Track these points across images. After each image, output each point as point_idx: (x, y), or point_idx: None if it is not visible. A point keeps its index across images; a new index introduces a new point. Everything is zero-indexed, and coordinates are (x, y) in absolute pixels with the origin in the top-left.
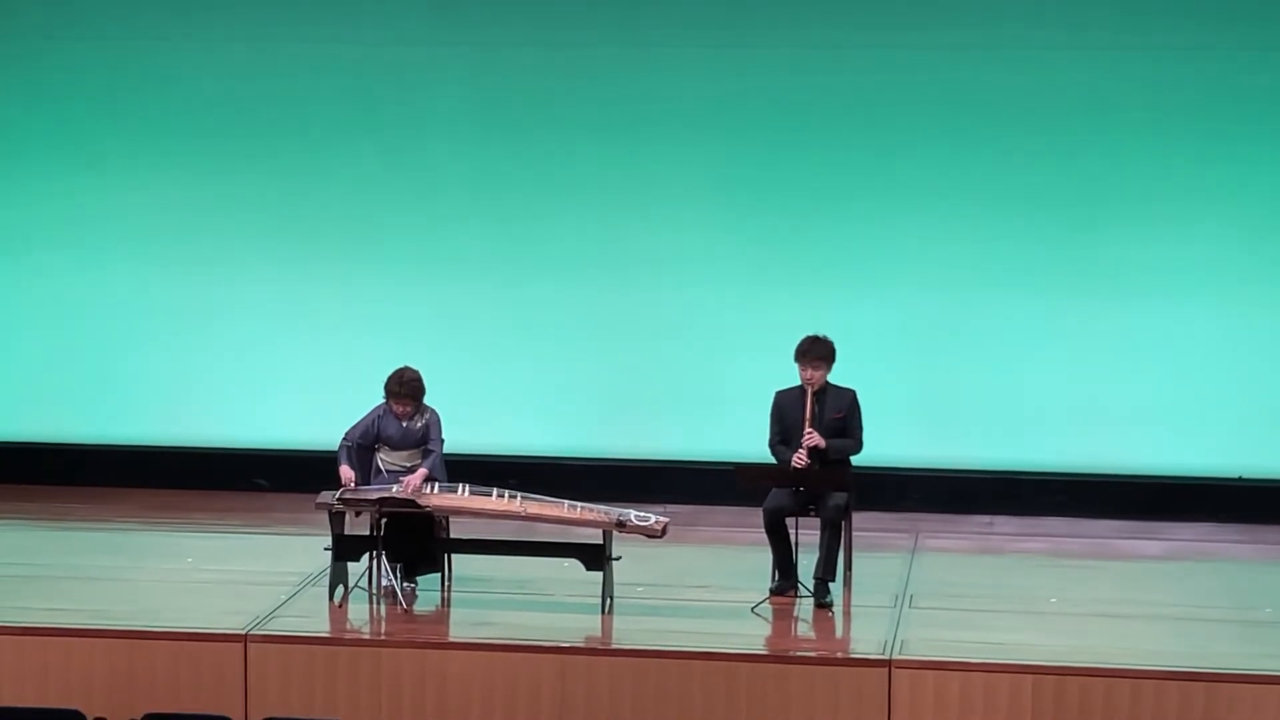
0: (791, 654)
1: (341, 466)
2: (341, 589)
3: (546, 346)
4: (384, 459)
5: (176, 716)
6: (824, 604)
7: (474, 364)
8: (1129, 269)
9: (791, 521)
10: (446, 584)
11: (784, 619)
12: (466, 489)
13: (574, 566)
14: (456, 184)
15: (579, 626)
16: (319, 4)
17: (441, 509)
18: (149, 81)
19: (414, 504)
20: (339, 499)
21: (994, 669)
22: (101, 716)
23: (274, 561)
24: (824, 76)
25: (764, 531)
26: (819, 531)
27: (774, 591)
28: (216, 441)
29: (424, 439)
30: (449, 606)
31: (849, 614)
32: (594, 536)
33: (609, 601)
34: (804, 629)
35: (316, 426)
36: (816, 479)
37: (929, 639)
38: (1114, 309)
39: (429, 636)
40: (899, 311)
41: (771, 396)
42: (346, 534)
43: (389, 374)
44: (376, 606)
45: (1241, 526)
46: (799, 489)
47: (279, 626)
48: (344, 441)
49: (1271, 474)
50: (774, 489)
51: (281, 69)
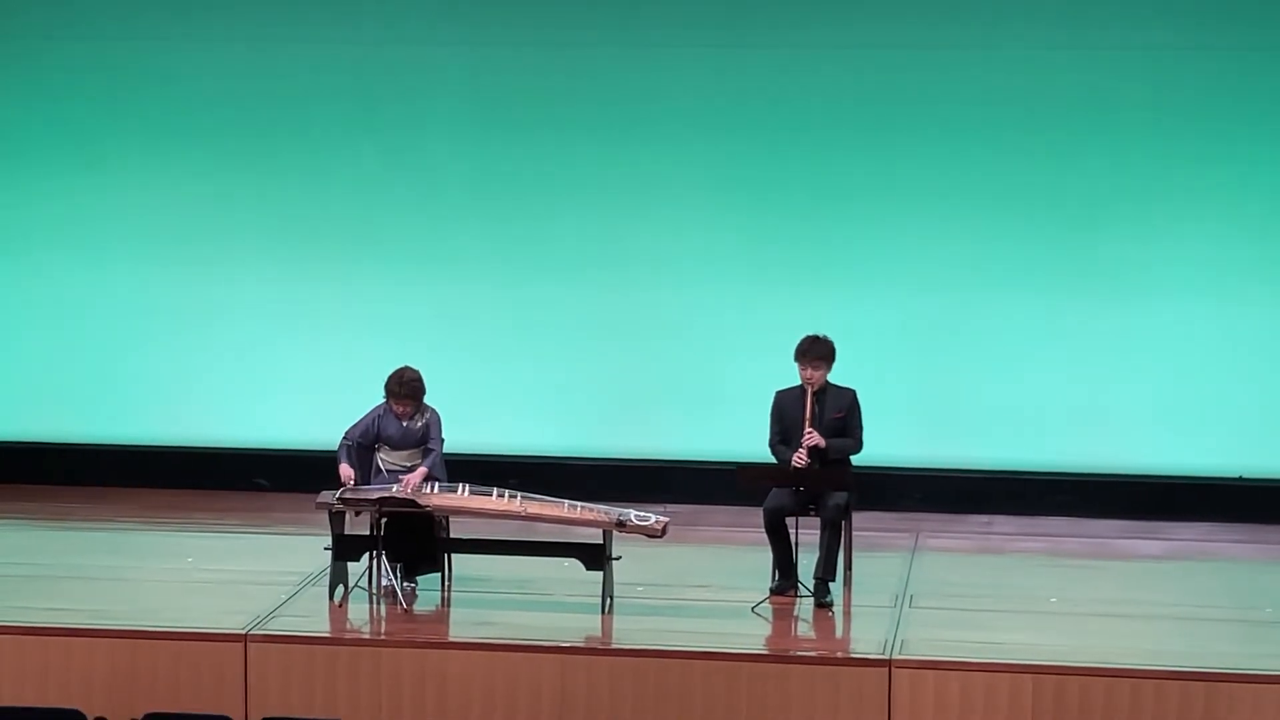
0: (792, 654)
1: (341, 465)
2: (341, 589)
3: (546, 346)
4: (384, 459)
5: (177, 716)
6: (824, 604)
7: (474, 364)
8: (1129, 269)
9: (792, 521)
10: (446, 584)
11: (784, 619)
12: (466, 489)
13: (574, 566)
14: (456, 184)
15: (579, 626)
16: (319, 4)
17: (441, 509)
18: (149, 81)
19: (414, 504)
20: (339, 499)
21: (994, 669)
22: (102, 716)
23: (274, 561)
24: (824, 76)
25: (764, 531)
26: (819, 531)
27: (774, 591)
28: (217, 441)
29: (424, 439)
30: (449, 606)
31: (849, 614)
32: (594, 536)
33: (609, 601)
34: (804, 629)
35: (316, 426)
36: (817, 479)
37: (929, 639)
38: (1114, 309)
39: (429, 636)
40: (899, 311)
41: (771, 396)
42: (346, 534)
43: (389, 374)
44: (376, 606)
45: (1242, 526)
46: (799, 489)
47: (279, 626)
48: (344, 440)
49: (1271, 474)
50: (774, 489)
51: (281, 69)
